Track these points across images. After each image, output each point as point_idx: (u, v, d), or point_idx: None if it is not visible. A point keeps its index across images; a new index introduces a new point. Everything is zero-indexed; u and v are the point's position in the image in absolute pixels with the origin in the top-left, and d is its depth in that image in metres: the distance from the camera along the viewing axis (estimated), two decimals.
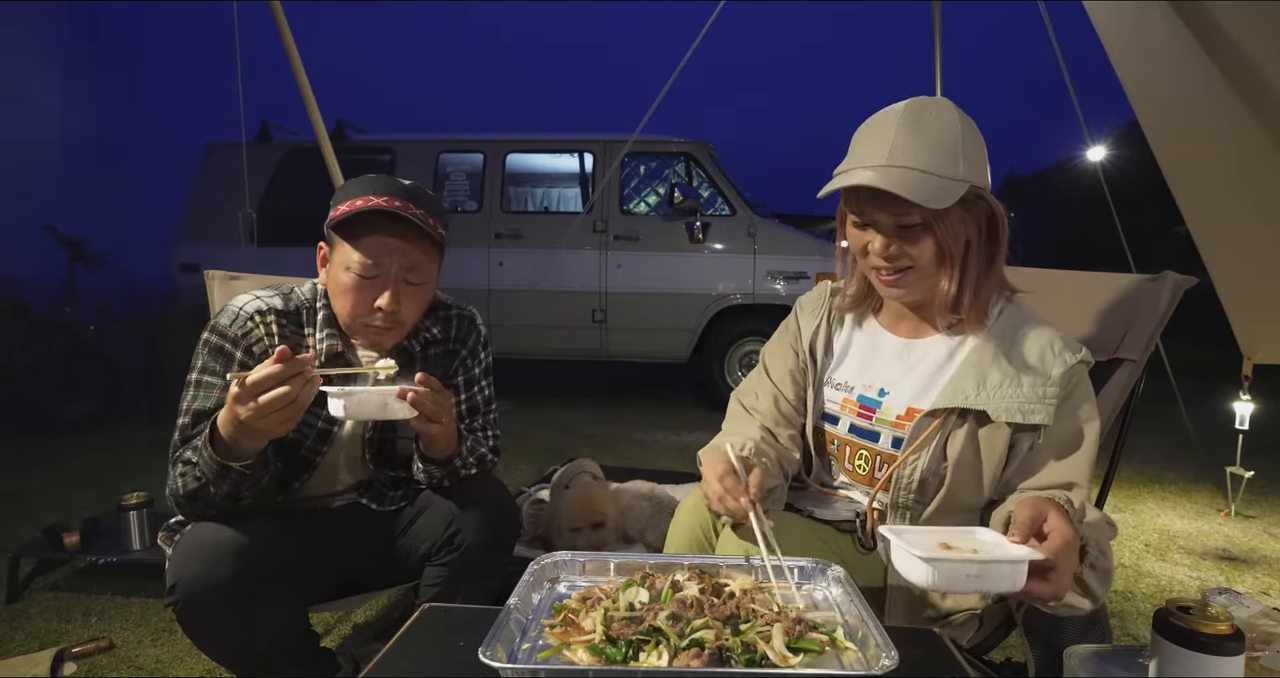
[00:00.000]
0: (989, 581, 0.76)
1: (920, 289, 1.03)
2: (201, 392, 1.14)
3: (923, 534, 0.82)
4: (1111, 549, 0.92)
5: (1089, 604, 0.88)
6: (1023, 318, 1.05)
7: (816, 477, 1.20)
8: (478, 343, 1.38)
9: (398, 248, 1.15)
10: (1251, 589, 2.23)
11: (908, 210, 0.94)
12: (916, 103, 0.99)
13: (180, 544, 1.09)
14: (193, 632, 1.10)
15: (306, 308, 1.24)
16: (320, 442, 1.24)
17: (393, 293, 1.16)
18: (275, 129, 5.39)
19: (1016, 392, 0.98)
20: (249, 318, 1.18)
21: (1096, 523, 0.92)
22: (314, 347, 1.22)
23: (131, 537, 2.11)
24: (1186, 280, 1.31)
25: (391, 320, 1.17)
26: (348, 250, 1.15)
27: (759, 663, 0.72)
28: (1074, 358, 0.99)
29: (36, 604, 2.08)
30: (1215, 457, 3.14)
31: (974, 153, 0.97)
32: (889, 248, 0.99)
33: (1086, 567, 0.86)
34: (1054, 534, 0.80)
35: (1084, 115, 3.77)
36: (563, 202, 5.78)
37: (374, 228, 1.14)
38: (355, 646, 1.85)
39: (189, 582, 1.04)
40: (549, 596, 0.90)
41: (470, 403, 1.36)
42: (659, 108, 3.76)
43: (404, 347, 1.28)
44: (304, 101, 2.64)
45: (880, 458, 1.09)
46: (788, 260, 4.87)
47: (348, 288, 1.15)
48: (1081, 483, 0.96)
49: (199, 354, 1.17)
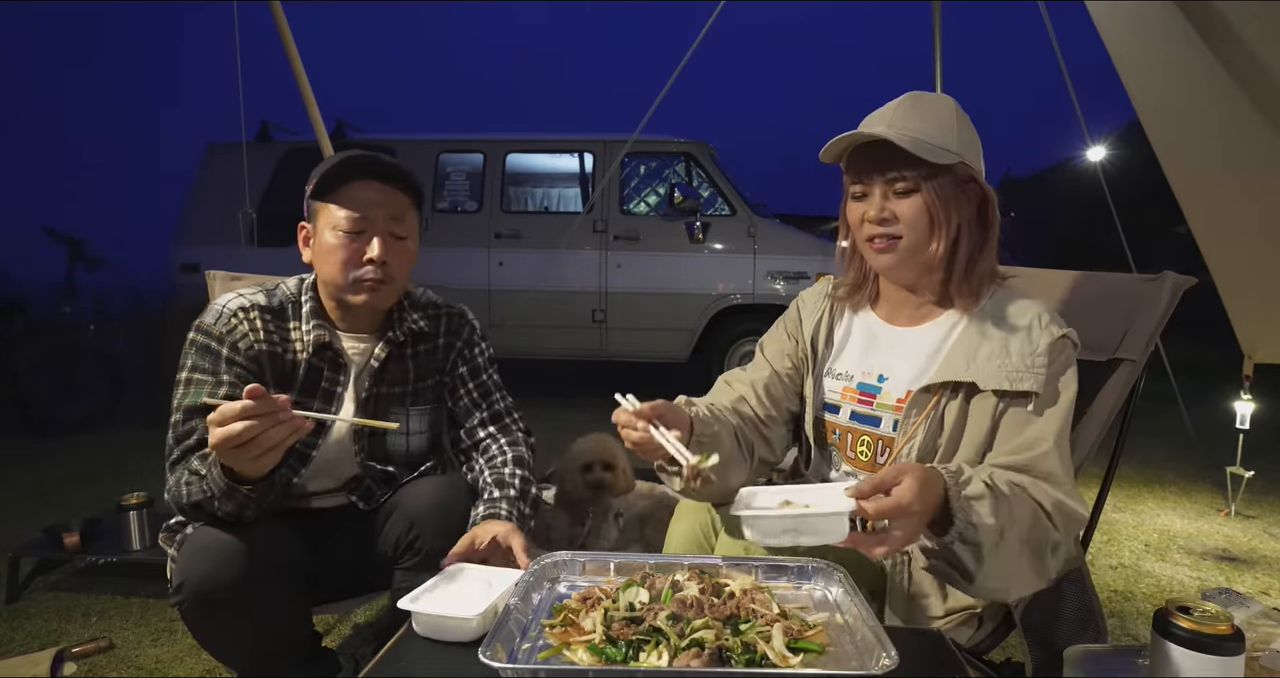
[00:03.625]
0: (805, 534, 0.82)
1: (910, 264, 1.06)
2: (192, 389, 1.14)
3: (771, 494, 0.88)
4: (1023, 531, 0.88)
5: (959, 579, 0.90)
6: (1012, 296, 1.08)
7: (816, 470, 1.21)
8: (473, 334, 1.38)
9: (380, 200, 1.18)
10: (1251, 589, 2.23)
11: (901, 173, 1.01)
12: (918, 92, 1.07)
13: (187, 544, 1.09)
14: (198, 631, 1.10)
15: (291, 302, 1.24)
16: (313, 434, 1.23)
17: (381, 243, 1.17)
18: (275, 129, 5.38)
19: (1005, 362, 1.00)
20: (232, 315, 1.18)
21: (1002, 498, 0.88)
22: (300, 339, 1.22)
23: (131, 537, 2.11)
24: (1186, 280, 1.31)
25: (383, 273, 1.18)
26: (332, 211, 1.17)
27: (759, 663, 0.72)
28: (1059, 331, 1.02)
29: (36, 604, 2.08)
30: (1215, 457, 3.14)
31: (968, 138, 1.04)
32: (882, 211, 1.04)
33: (954, 539, 0.86)
34: (893, 495, 0.81)
35: (1084, 115, 3.77)
36: (563, 202, 5.78)
37: (355, 184, 1.17)
38: (355, 646, 1.85)
39: (196, 581, 1.04)
40: (549, 596, 0.90)
41: (481, 388, 1.37)
42: (659, 107, 3.76)
43: (390, 338, 1.27)
44: (304, 101, 2.64)
45: (882, 442, 1.11)
46: (788, 260, 4.87)
47: (336, 247, 1.16)
48: (1047, 443, 0.96)
49: (187, 354, 1.17)
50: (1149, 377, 1.34)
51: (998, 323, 1.05)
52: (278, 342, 1.21)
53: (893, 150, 0.99)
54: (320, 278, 1.23)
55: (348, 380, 1.26)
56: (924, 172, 1.00)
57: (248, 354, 1.17)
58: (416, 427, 1.33)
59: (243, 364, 1.17)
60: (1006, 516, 0.87)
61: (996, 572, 0.88)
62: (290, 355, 1.22)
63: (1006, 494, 0.90)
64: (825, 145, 1.04)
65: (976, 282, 1.06)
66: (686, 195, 4.83)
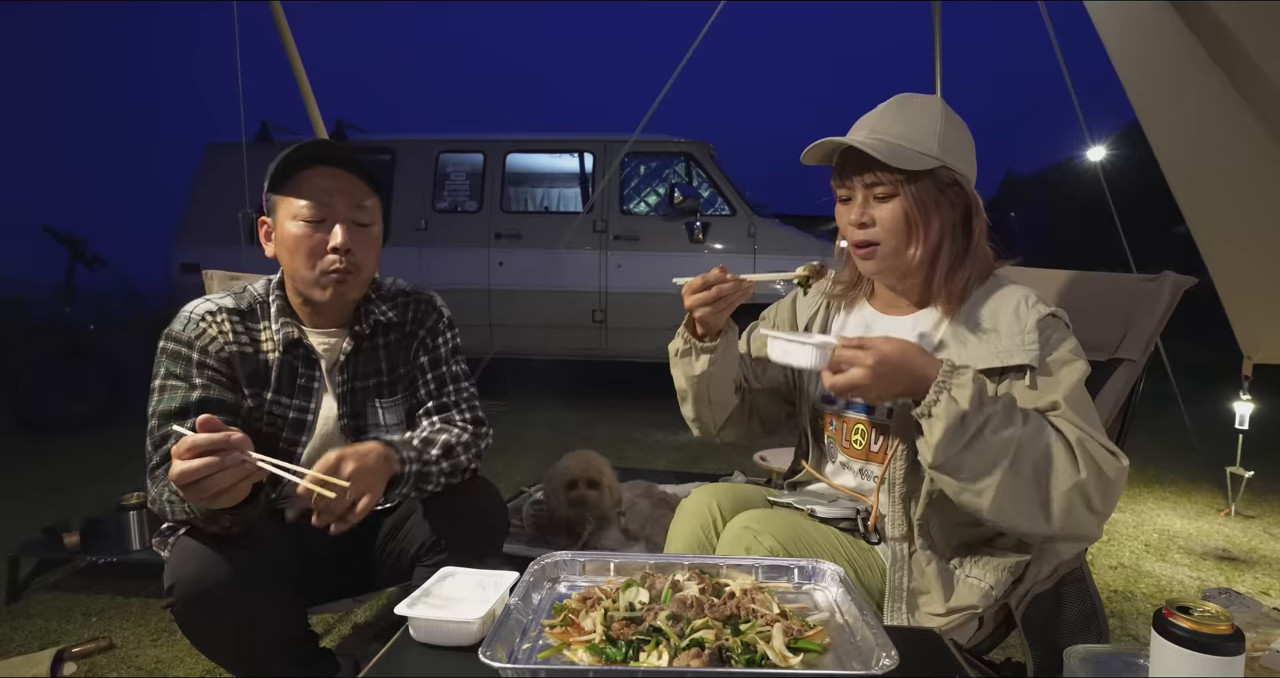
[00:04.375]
0: (794, 355, 0.96)
1: (892, 267, 1.08)
2: (165, 395, 1.14)
3: (796, 335, 1.00)
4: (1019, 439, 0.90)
5: (926, 453, 0.93)
6: (1000, 284, 1.09)
7: (815, 464, 1.24)
8: (438, 323, 1.34)
9: (337, 188, 1.17)
10: (1251, 589, 2.23)
11: (879, 178, 1.02)
12: (907, 94, 1.09)
13: (178, 545, 1.09)
14: (191, 633, 1.09)
15: (260, 303, 1.23)
16: (296, 432, 1.23)
17: (344, 230, 1.16)
18: (275, 129, 5.38)
19: (995, 342, 1.02)
20: (200, 319, 1.18)
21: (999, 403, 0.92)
22: (270, 338, 1.21)
23: (131, 537, 2.11)
24: (1186, 280, 1.31)
25: (349, 262, 1.17)
26: (289, 202, 1.16)
27: (759, 663, 0.72)
28: (1047, 309, 1.03)
29: (36, 604, 2.08)
30: (1215, 457, 3.14)
31: (955, 141, 1.04)
32: (863, 215, 1.06)
33: (923, 412, 0.92)
34: (866, 344, 0.92)
35: (1084, 115, 3.76)
36: (563, 202, 5.78)
37: (310, 174, 1.16)
38: (355, 646, 1.85)
39: (187, 583, 1.03)
40: (549, 596, 0.90)
41: (439, 379, 1.32)
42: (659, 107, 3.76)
43: (356, 331, 1.26)
44: (304, 101, 2.64)
45: (876, 430, 1.13)
46: (788, 260, 4.86)
47: (299, 237, 1.15)
48: (1061, 401, 0.96)
49: (159, 362, 1.17)
50: (1149, 377, 1.34)
51: (987, 309, 1.06)
52: (247, 342, 1.20)
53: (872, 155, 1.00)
54: (286, 272, 1.21)
55: (322, 376, 1.25)
56: (902, 176, 1.01)
57: (218, 357, 1.17)
58: (392, 419, 1.30)
59: (214, 367, 1.16)
60: (997, 414, 0.90)
61: (969, 465, 0.90)
62: (261, 355, 1.21)
63: (1010, 404, 0.92)
64: (805, 150, 1.07)
65: (958, 287, 1.07)
66: (686, 195, 4.83)
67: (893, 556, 1.08)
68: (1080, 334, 1.06)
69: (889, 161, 0.99)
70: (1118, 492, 0.94)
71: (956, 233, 1.07)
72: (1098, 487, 0.92)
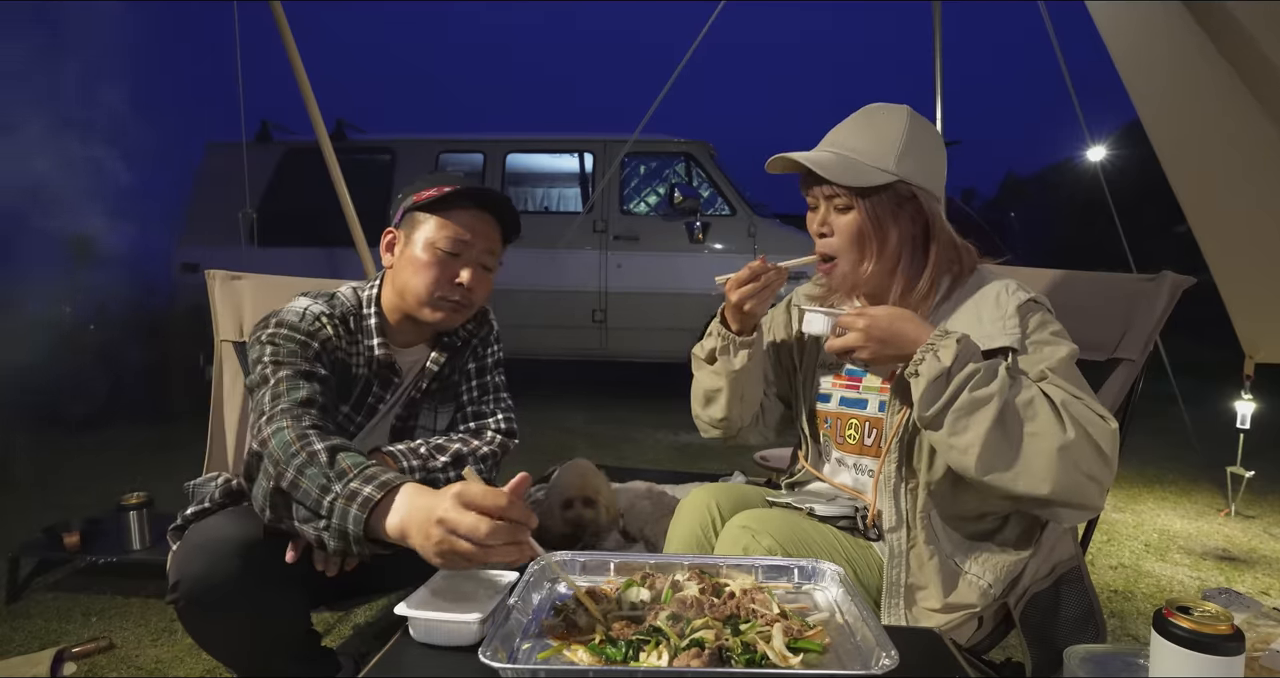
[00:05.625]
0: (811, 324, 1.07)
1: (852, 281, 1.12)
2: (286, 368, 1.09)
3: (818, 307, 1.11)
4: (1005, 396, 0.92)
5: (915, 411, 0.97)
6: (982, 277, 1.11)
7: (813, 462, 1.26)
8: (489, 334, 1.41)
9: (483, 229, 1.21)
10: (1251, 589, 2.23)
11: (835, 190, 1.07)
12: (876, 105, 1.12)
13: (184, 541, 1.08)
14: (194, 629, 1.09)
15: (354, 315, 1.23)
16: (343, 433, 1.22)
17: (472, 272, 1.19)
18: (275, 129, 5.38)
19: (978, 329, 1.03)
20: (315, 318, 1.17)
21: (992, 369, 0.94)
22: (360, 353, 1.22)
23: (131, 537, 2.11)
24: (1184, 280, 1.31)
25: (468, 298, 1.20)
26: (435, 226, 1.18)
27: (759, 663, 0.72)
28: (1026, 295, 1.05)
29: (36, 604, 2.08)
30: (1215, 457, 3.14)
31: (918, 155, 1.06)
32: (823, 225, 1.11)
33: (911, 371, 0.96)
34: (863, 312, 1.00)
35: (1084, 115, 3.77)
36: (563, 201, 5.77)
37: (465, 207, 1.20)
38: (355, 646, 1.85)
39: (192, 579, 1.03)
40: (549, 596, 0.90)
41: (481, 388, 1.37)
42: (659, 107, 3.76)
43: (446, 342, 1.30)
44: (304, 101, 2.64)
45: (869, 424, 1.15)
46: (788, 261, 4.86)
47: (428, 264, 1.17)
48: (1048, 372, 0.98)
49: (262, 347, 1.12)
50: (1149, 376, 1.34)
51: (970, 303, 1.08)
52: (346, 350, 1.20)
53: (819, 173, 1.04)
54: (399, 287, 1.21)
55: (395, 395, 1.28)
56: (857, 190, 1.05)
57: (331, 357, 1.17)
58: (442, 422, 1.35)
59: (328, 365, 1.16)
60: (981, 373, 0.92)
61: (953, 421, 0.92)
62: (355, 368, 1.22)
63: (995, 365, 0.94)
64: (767, 161, 1.11)
65: (917, 297, 1.09)
66: (686, 195, 4.82)
67: (890, 550, 1.08)
68: (1079, 334, 1.06)
69: (837, 179, 1.04)
70: (1110, 456, 0.94)
71: (916, 245, 1.09)
72: (1087, 448, 0.92)
